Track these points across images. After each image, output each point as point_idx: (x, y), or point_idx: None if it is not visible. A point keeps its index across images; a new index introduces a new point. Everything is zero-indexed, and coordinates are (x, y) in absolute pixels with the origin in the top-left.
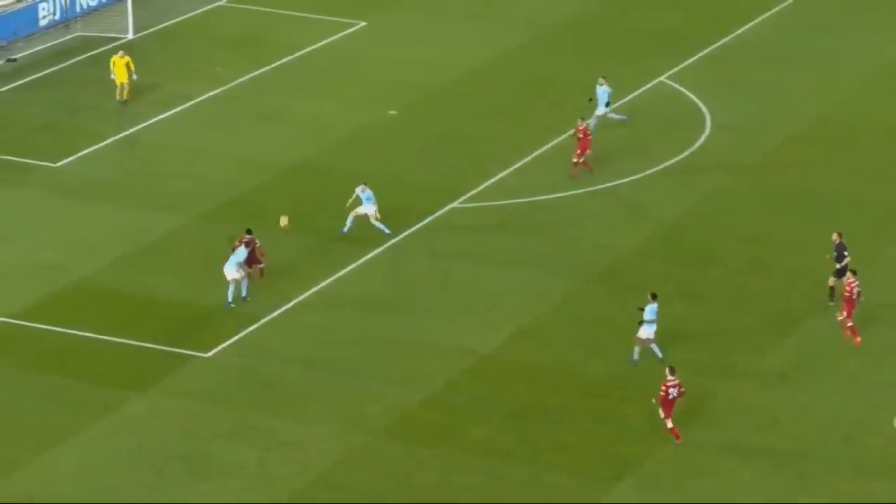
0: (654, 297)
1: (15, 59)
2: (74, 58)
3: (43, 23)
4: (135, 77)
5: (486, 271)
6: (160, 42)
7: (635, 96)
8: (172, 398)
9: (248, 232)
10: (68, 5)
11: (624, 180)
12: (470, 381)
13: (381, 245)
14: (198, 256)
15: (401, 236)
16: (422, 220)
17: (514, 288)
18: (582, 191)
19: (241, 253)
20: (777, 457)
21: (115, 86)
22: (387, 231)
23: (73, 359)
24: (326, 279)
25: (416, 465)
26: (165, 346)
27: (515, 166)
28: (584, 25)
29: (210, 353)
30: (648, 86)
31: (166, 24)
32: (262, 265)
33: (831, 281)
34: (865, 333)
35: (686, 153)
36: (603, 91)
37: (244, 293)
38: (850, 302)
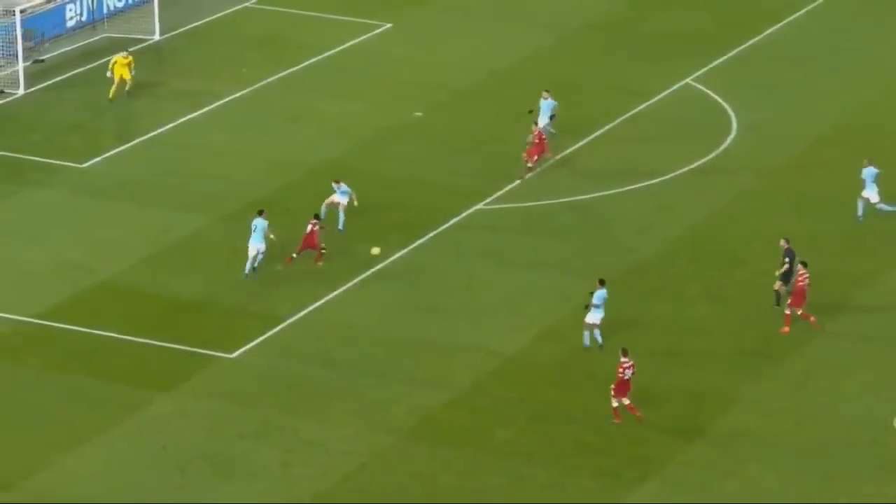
0: (601, 283)
1: (42, 60)
2: (101, 59)
3: (70, 24)
4: (133, 73)
5: (511, 273)
6: (187, 43)
7: (661, 98)
8: (197, 399)
9: (316, 217)
10: (95, 7)
11: (649, 182)
12: (494, 383)
13: (407, 246)
14: (223, 257)
15: (426, 237)
16: (447, 222)
17: (539, 289)
18: (607, 192)
19: (262, 224)
20: (802, 459)
21: (113, 83)
22: (339, 227)
23: (98, 359)
24: (351, 280)
25: (441, 467)
26: (190, 346)
27: (540, 168)
28: (609, 27)
29: (235, 354)
30: (674, 88)
31: (193, 24)
32: (324, 250)
33: (777, 285)
34: (889, 337)
35: (711, 155)
36: (547, 104)
37: (253, 266)
38: (802, 293)
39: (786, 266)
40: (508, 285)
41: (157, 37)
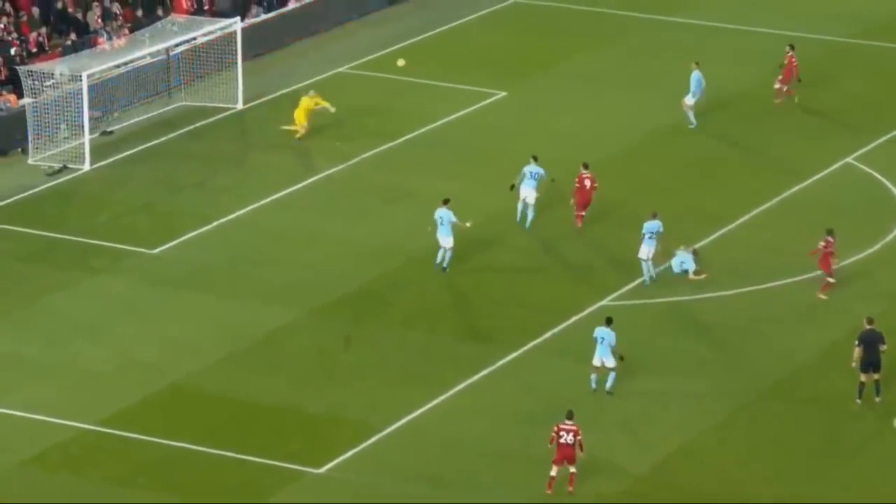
0: (608, 321)
1: (111, 132)
2: (177, 130)
3: (142, 92)
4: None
5: (641, 380)
6: (273, 113)
7: (818, 179)
8: None
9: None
10: (170, 72)
11: (803, 277)
12: None
13: (520, 348)
14: (310, 356)
15: (543, 337)
16: (567, 319)
17: (674, 399)
18: (754, 288)
19: (448, 215)
20: None
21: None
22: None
23: (167, 472)
24: (456, 385)
25: None
26: (273, 459)
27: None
28: (759, 98)
29: (323, 469)
30: (833, 167)
31: (280, 92)
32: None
33: (862, 377)
34: None
35: (877, 246)
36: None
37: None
38: (825, 259)
39: (856, 350)
40: (638, 394)
41: (240, 105)
